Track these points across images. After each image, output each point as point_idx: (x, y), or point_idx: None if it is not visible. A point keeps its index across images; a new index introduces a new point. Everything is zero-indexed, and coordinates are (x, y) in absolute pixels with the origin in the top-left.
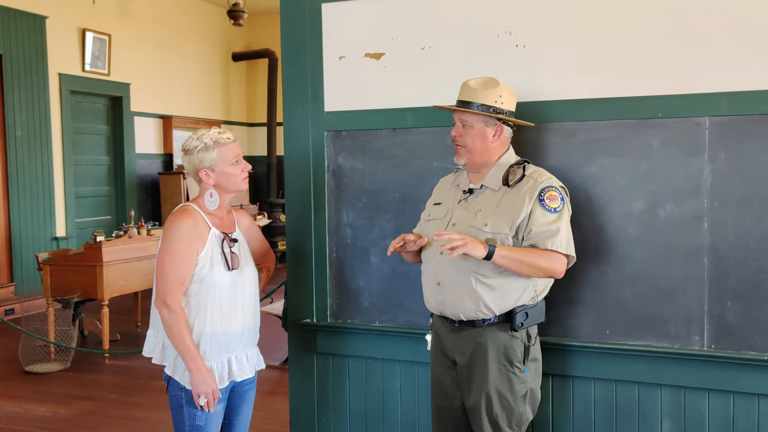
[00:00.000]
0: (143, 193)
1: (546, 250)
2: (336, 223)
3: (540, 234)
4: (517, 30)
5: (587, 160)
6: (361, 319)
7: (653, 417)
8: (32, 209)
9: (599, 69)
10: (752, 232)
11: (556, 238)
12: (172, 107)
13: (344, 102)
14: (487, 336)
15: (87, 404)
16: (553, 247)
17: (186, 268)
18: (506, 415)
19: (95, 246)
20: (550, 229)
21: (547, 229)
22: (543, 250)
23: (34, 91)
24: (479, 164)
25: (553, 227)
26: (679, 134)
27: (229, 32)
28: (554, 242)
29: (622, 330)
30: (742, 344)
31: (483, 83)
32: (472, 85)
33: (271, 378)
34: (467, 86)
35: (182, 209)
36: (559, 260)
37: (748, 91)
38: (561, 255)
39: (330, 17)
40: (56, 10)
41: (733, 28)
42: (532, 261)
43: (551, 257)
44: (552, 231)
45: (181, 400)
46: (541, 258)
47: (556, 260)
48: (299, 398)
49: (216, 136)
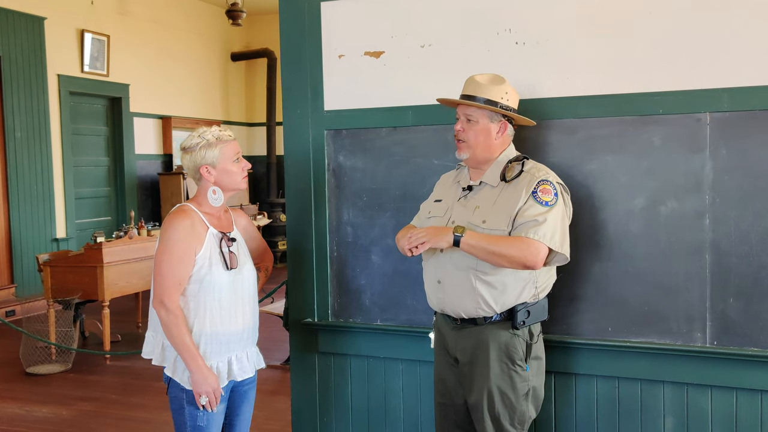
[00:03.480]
0: (143, 193)
1: (521, 238)
2: (337, 222)
3: (524, 224)
4: (517, 27)
5: (588, 157)
6: (362, 318)
7: (656, 414)
8: (32, 211)
9: (599, 66)
10: (754, 228)
11: (540, 228)
12: (171, 108)
13: (344, 101)
14: (488, 334)
15: (88, 405)
16: (535, 236)
17: (184, 268)
18: (508, 414)
19: (95, 247)
20: (536, 220)
21: (533, 220)
22: (517, 237)
23: (33, 93)
24: (480, 160)
25: (539, 218)
26: (680, 130)
27: (228, 32)
28: (537, 231)
29: (625, 327)
30: (744, 341)
31: (490, 79)
32: (479, 80)
33: (272, 378)
34: (473, 81)
35: (179, 209)
36: (535, 250)
37: (749, 86)
38: (540, 245)
39: (329, 16)
40: (55, 11)
41: (734, 24)
42: (500, 249)
43: (524, 246)
44: (537, 221)
45: (182, 401)
46: (512, 246)
47: (529, 249)
48: (301, 398)
49: (218, 134)
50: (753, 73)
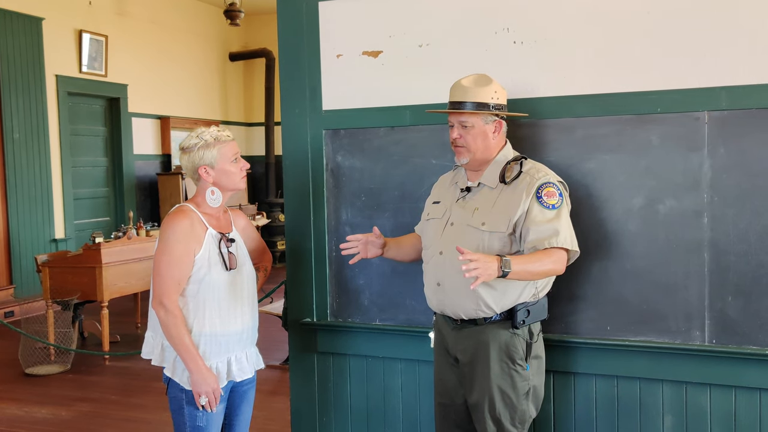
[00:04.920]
0: (142, 194)
1: (552, 251)
2: (335, 222)
3: (540, 234)
4: (514, 26)
5: (586, 156)
6: (361, 318)
7: (655, 412)
8: (31, 211)
9: (597, 64)
10: (752, 227)
11: (559, 237)
12: (169, 108)
13: (342, 100)
14: (488, 334)
15: (87, 406)
16: (558, 244)
17: (183, 268)
18: (509, 413)
19: (94, 247)
20: (549, 228)
21: (547, 228)
22: (548, 251)
23: (31, 94)
24: (480, 162)
25: (552, 226)
26: (678, 129)
27: (226, 32)
28: (558, 240)
29: (623, 326)
30: (743, 339)
31: (476, 81)
32: (465, 84)
33: (271, 378)
34: (460, 86)
35: (178, 210)
36: (564, 257)
37: (747, 85)
38: (564, 252)
39: (327, 15)
40: (52, 11)
41: (732, 22)
42: (543, 269)
43: (557, 257)
44: (553, 229)
45: (182, 401)
46: (549, 260)
47: (561, 259)
48: (300, 398)
49: (216, 134)
50: (751, 71)
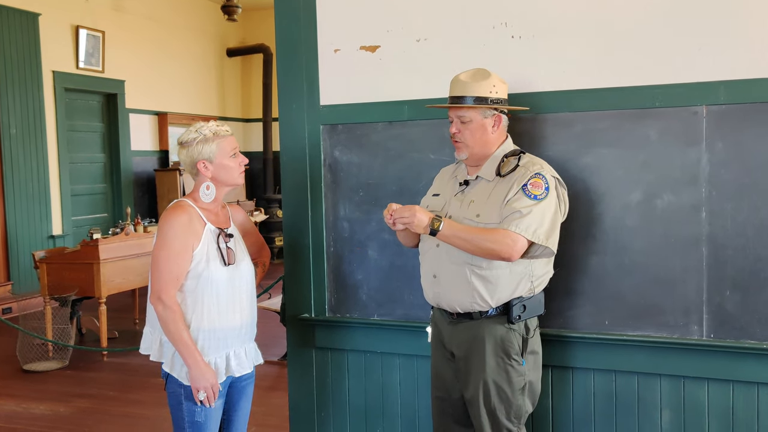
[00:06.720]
0: (139, 190)
1: (498, 230)
2: (333, 218)
3: (506, 214)
4: (512, 21)
5: (584, 150)
6: (359, 313)
7: (653, 407)
8: (28, 208)
9: (595, 59)
10: (750, 221)
11: (522, 221)
12: (167, 104)
13: (340, 95)
14: (484, 328)
15: (86, 402)
16: (516, 229)
17: (181, 263)
18: (504, 408)
19: (92, 244)
20: (519, 212)
21: (517, 212)
22: (495, 229)
23: (28, 89)
24: (480, 157)
25: (521, 212)
26: (676, 124)
27: (224, 28)
28: (519, 224)
29: (621, 320)
30: (741, 333)
31: (474, 75)
32: (464, 78)
33: (270, 373)
34: (459, 81)
35: (177, 205)
36: (511, 241)
37: (746, 79)
38: (518, 237)
39: (324, 10)
40: (49, 7)
41: (730, 16)
42: (478, 243)
43: (500, 236)
44: (521, 213)
45: (180, 396)
46: (490, 237)
47: (505, 240)
48: (298, 393)
49: (215, 128)
50: (750, 65)
